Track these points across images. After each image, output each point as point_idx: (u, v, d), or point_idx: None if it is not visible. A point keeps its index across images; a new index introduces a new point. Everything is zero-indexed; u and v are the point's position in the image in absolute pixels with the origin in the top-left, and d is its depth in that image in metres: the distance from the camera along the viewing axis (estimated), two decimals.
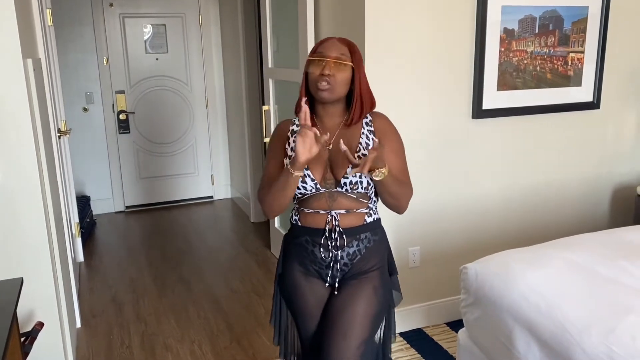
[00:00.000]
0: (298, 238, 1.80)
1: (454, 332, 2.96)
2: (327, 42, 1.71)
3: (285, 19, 3.46)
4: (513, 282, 2.03)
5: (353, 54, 1.71)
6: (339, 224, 1.73)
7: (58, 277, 2.51)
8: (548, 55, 3.01)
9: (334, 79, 1.66)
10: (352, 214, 1.74)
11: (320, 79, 1.66)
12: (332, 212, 1.73)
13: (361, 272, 1.77)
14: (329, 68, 1.66)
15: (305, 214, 1.77)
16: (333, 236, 1.73)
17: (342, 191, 1.71)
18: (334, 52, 1.68)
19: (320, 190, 1.72)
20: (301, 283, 1.81)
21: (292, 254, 1.84)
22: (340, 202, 1.72)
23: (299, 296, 1.82)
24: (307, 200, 1.75)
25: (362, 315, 1.73)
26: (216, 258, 4.20)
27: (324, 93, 1.67)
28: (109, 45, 5.14)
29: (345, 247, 1.74)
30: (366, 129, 1.76)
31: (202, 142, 5.67)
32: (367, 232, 1.76)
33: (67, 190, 3.65)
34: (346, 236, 1.73)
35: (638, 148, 3.42)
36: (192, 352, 2.90)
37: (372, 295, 1.75)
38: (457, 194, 3.01)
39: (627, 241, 2.32)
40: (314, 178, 1.70)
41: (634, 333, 1.64)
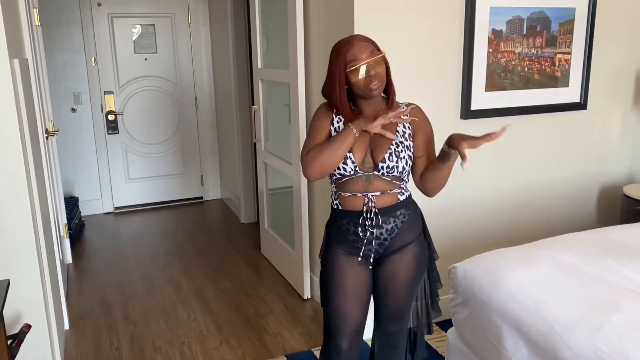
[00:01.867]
0: (340, 221, 1.92)
1: (444, 331, 2.97)
2: (355, 47, 1.77)
3: (275, 19, 3.45)
4: (501, 282, 2.04)
5: (377, 46, 1.81)
6: (375, 205, 1.85)
7: (45, 279, 2.49)
8: (536, 56, 3.03)
9: (378, 75, 1.78)
10: (387, 194, 1.87)
11: (369, 81, 1.77)
12: (369, 195, 1.86)
13: (402, 246, 1.92)
14: (373, 68, 1.76)
15: (344, 198, 1.89)
16: (370, 216, 1.85)
17: (378, 175, 1.84)
18: (365, 53, 1.77)
19: (359, 173, 1.84)
20: (342, 261, 1.92)
21: (333, 237, 1.95)
22: (375, 185, 1.85)
23: (339, 272, 1.93)
24: (345, 184, 1.88)
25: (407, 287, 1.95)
26: (206, 259, 4.19)
27: (377, 91, 1.80)
28: (97, 45, 5.11)
29: (383, 224, 1.87)
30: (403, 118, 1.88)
31: (191, 142, 5.65)
32: (401, 209, 1.90)
33: (55, 191, 3.63)
34: (382, 215, 1.86)
35: (624, 148, 3.46)
36: (182, 353, 2.89)
37: (414, 264, 1.94)
38: (445, 194, 3.01)
39: (614, 240, 2.34)
40: (355, 161, 1.83)
41: (620, 331, 1.66)
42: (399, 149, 1.85)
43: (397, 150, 1.85)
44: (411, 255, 1.93)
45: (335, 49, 1.82)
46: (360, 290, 1.94)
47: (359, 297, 1.94)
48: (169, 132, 5.54)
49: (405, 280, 1.94)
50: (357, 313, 1.94)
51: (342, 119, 1.88)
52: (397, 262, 1.92)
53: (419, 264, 1.97)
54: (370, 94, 1.80)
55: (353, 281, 1.92)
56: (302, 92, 3.10)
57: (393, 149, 1.84)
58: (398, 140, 1.86)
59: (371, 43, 1.81)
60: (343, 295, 1.92)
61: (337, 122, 1.89)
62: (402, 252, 1.92)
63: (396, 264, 1.92)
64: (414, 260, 1.94)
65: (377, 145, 1.85)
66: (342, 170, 1.84)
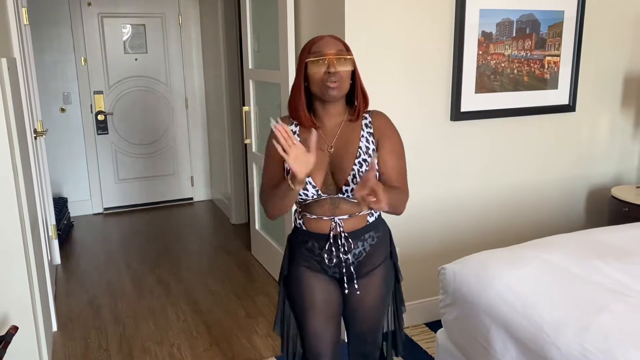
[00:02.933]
0: (304, 242, 1.80)
1: (433, 332, 2.98)
2: (322, 40, 1.67)
3: (266, 20, 3.45)
4: (490, 283, 2.05)
5: (348, 49, 1.69)
6: (344, 230, 1.73)
7: (33, 280, 2.47)
8: (525, 58, 3.05)
9: (340, 75, 1.63)
10: (355, 217, 1.74)
11: (327, 77, 1.62)
12: (336, 219, 1.73)
13: (370, 270, 1.81)
14: (333, 65, 1.62)
15: (309, 219, 1.77)
16: (340, 242, 1.74)
17: (343, 197, 1.71)
18: (332, 49, 1.65)
19: (322, 196, 1.71)
20: (309, 280, 1.81)
21: (297, 255, 1.83)
22: (342, 208, 1.72)
23: (307, 292, 1.82)
24: (309, 206, 1.75)
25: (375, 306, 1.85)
26: (196, 260, 4.17)
27: (334, 91, 1.64)
28: (87, 45, 5.08)
29: (352, 249, 1.76)
30: (366, 130, 1.73)
31: (181, 143, 5.63)
32: (370, 232, 1.78)
33: (43, 192, 3.60)
34: (352, 239, 1.75)
35: (612, 150, 3.49)
36: (171, 354, 2.88)
37: (382, 287, 1.84)
38: (435, 196, 3.03)
39: (602, 242, 2.36)
40: (315, 184, 1.69)
41: (606, 332, 1.67)
42: (362, 169, 1.69)
43: (361, 171, 1.68)
44: (379, 278, 1.82)
45: (304, 45, 1.71)
46: (332, 307, 1.84)
47: (332, 314, 1.84)
48: (159, 133, 5.52)
49: (374, 304, 1.84)
50: (333, 332, 1.85)
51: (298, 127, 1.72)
52: (365, 285, 1.81)
53: (388, 286, 1.87)
54: (326, 94, 1.64)
55: (323, 298, 1.81)
56: None
57: (356, 170, 1.68)
58: (361, 158, 1.69)
59: (342, 44, 1.69)
60: (316, 314, 1.82)
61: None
62: (370, 276, 1.81)
63: (364, 287, 1.81)
64: (383, 282, 1.84)
65: (339, 166, 1.69)
66: (303, 195, 1.69)
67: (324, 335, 1.83)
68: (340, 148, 1.72)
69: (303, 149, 1.51)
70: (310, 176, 1.65)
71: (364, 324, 1.87)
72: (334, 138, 1.72)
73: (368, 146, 1.71)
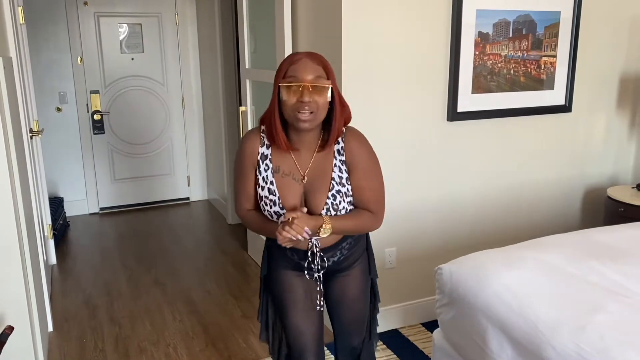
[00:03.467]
0: (281, 249, 1.79)
1: (430, 332, 2.98)
2: (299, 63, 1.54)
3: (263, 19, 3.45)
4: (487, 283, 2.05)
5: (328, 73, 1.58)
6: (319, 249, 1.75)
7: (29, 280, 2.46)
8: (521, 59, 3.06)
9: (316, 105, 1.53)
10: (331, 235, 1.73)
11: (299, 107, 1.52)
12: (313, 240, 1.73)
13: (347, 267, 1.86)
14: (308, 94, 1.51)
15: None
16: (315, 260, 1.76)
17: None
18: (309, 75, 1.53)
19: None
20: (289, 278, 1.84)
21: (276, 256, 1.86)
22: None
23: (287, 289, 1.85)
24: None
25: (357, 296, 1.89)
26: (192, 260, 4.17)
27: (305, 124, 1.54)
28: (83, 45, 5.06)
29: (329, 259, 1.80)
30: (338, 158, 1.67)
31: (178, 142, 5.62)
32: (347, 240, 1.81)
33: (39, 192, 3.59)
34: (328, 252, 1.78)
35: (608, 150, 3.50)
36: (167, 355, 2.87)
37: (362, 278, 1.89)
38: (432, 196, 3.04)
39: (597, 242, 2.37)
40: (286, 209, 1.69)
41: (602, 332, 1.68)
42: (336, 201, 1.66)
43: (335, 203, 1.66)
44: (358, 270, 1.88)
45: (280, 64, 1.59)
46: (312, 303, 1.85)
47: (313, 310, 1.86)
48: (155, 133, 5.50)
49: (356, 293, 1.89)
50: (316, 327, 1.87)
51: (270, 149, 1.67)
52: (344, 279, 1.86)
53: (366, 278, 1.92)
54: (296, 124, 1.55)
55: (303, 295, 1.84)
56: None
57: (330, 203, 1.65)
58: (335, 190, 1.66)
59: (322, 67, 1.56)
60: (298, 311, 1.84)
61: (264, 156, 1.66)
62: (350, 269, 1.86)
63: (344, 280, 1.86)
64: (362, 274, 1.89)
65: (312, 198, 1.66)
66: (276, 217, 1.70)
67: (306, 330, 1.86)
68: (313, 180, 1.67)
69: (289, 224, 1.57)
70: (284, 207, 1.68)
71: (347, 316, 1.91)
72: (307, 168, 1.68)
73: (341, 176, 1.66)
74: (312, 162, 1.67)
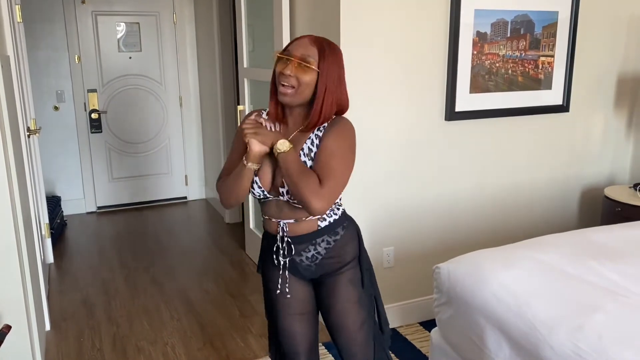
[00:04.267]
0: (264, 239, 1.84)
1: (427, 331, 2.98)
2: (298, 41, 1.62)
3: (261, 18, 3.45)
4: (484, 282, 2.06)
5: (323, 57, 1.60)
6: (288, 233, 1.72)
7: (26, 279, 2.46)
8: (519, 58, 3.06)
9: (297, 82, 1.58)
10: (303, 222, 1.70)
11: (281, 78, 1.59)
12: (281, 222, 1.72)
13: (334, 270, 1.78)
14: (291, 68, 1.57)
15: (265, 219, 1.79)
16: (282, 245, 1.74)
17: (285, 200, 1.68)
18: (299, 51, 1.59)
19: (268, 197, 1.71)
20: (274, 274, 1.82)
21: (267, 252, 1.85)
22: (287, 212, 1.70)
23: (272, 287, 1.84)
24: (263, 205, 1.77)
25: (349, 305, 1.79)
26: (190, 259, 4.16)
27: (285, 97, 1.60)
28: (80, 43, 5.05)
29: (302, 252, 1.74)
30: (315, 133, 1.66)
31: (175, 141, 5.62)
32: (323, 236, 1.73)
33: (36, 191, 3.58)
34: (299, 243, 1.72)
35: (605, 150, 3.51)
36: (165, 354, 2.87)
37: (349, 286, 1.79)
38: (430, 195, 3.04)
39: (595, 241, 2.37)
40: (261, 185, 1.67)
41: (600, 331, 1.68)
42: None
43: None
44: (345, 278, 1.78)
45: None
46: (304, 305, 1.82)
47: (304, 313, 1.83)
48: (153, 132, 5.50)
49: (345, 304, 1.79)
50: (307, 330, 1.84)
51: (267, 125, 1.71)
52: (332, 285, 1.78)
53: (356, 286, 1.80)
54: (278, 96, 1.63)
55: (293, 297, 1.80)
56: None
57: None
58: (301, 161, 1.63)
59: (319, 51, 1.59)
60: (286, 311, 1.81)
61: None
62: (337, 275, 1.78)
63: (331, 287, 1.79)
64: (350, 284, 1.79)
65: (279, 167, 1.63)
66: (251, 193, 1.70)
67: (296, 333, 1.83)
68: None
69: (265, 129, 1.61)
70: (257, 175, 1.66)
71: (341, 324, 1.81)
72: None
73: (311, 148, 1.65)
74: (292, 138, 1.68)
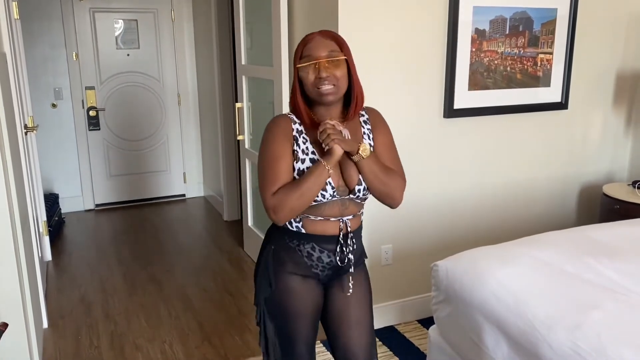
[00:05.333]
0: (299, 245, 1.73)
1: (426, 329, 2.98)
2: (312, 42, 1.61)
3: (259, 16, 3.44)
4: (483, 280, 2.05)
5: (342, 46, 1.64)
6: (351, 229, 1.73)
7: (23, 277, 2.45)
8: (518, 55, 3.06)
9: (335, 78, 1.59)
10: (357, 217, 1.76)
11: (319, 82, 1.58)
12: (344, 219, 1.71)
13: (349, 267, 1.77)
14: (324, 70, 1.57)
15: (313, 222, 1.70)
16: (347, 242, 1.72)
17: (354, 198, 1.70)
18: (323, 51, 1.59)
19: (336, 197, 1.67)
20: (298, 286, 1.75)
21: (286, 260, 1.75)
22: (350, 209, 1.72)
23: (297, 298, 1.75)
24: (318, 208, 1.68)
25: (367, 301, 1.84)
26: (188, 257, 4.16)
27: (329, 97, 1.60)
28: (78, 40, 5.04)
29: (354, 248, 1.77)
30: (366, 127, 1.74)
31: (174, 139, 5.60)
32: (362, 230, 1.82)
33: (34, 188, 3.57)
34: (355, 239, 1.76)
35: (604, 148, 3.50)
36: (163, 351, 2.87)
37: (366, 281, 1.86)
38: (428, 193, 3.04)
39: (593, 239, 2.37)
40: (334, 186, 1.65)
41: (598, 329, 1.68)
42: None
43: None
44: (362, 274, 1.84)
45: (297, 46, 1.66)
46: (317, 314, 1.81)
47: (314, 320, 1.81)
48: (151, 129, 5.49)
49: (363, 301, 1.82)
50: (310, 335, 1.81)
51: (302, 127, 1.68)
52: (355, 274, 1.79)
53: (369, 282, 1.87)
54: (320, 99, 1.61)
55: (311, 306, 1.78)
56: (285, 90, 3.09)
57: None
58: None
59: (335, 42, 1.62)
60: (300, 321, 1.77)
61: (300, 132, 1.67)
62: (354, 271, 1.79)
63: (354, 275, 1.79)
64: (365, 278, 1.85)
65: (347, 165, 1.65)
66: (320, 197, 1.64)
67: (306, 336, 1.80)
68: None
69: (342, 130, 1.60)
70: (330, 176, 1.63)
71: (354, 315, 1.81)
72: None
73: (371, 143, 1.73)
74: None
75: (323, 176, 1.59)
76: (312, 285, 1.77)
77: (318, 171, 1.59)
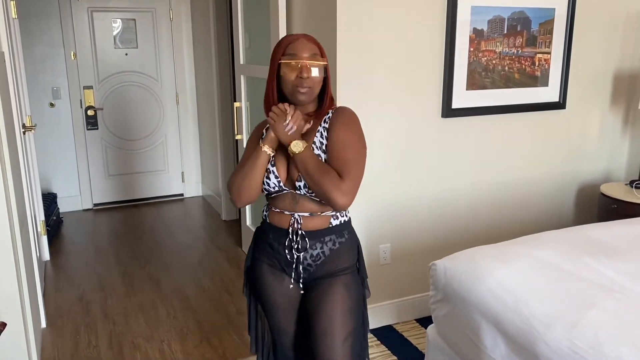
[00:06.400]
0: (266, 234, 1.80)
1: (424, 328, 2.99)
2: (298, 42, 1.66)
3: (257, 15, 3.44)
4: (481, 279, 2.06)
5: (322, 52, 1.69)
6: (302, 227, 1.71)
7: (22, 276, 2.45)
8: (516, 55, 3.06)
9: (312, 81, 1.64)
10: (317, 217, 1.72)
11: (299, 82, 1.63)
12: (296, 215, 1.72)
13: (329, 274, 1.74)
14: (307, 70, 1.62)
15: (273, 212, 1.77)
16: (295, 239, 1.72)
17: (303, 194, 1.68)
18: (307, 52, 1.64)
19: (284, 190, 1.71)
20: (268, 276, 1.80)
21: (260, 248, 1.83)
22: (303, 205, 1.71)
23: (266, 289, 1.82)
24: (274, 199, 1.76)
25: (340, 310, 1.72)
26: (186, 256, 4.16)
27: (303, 97, 1.65)
28: (76, 40, 5.03)
29: (308, 249, 1.72)
30: (322, 126, 1.71)
31: (172, 138, 5.60)
32: (332, 235, 1.74)
33: (32, 188, 3.57)
34: (309, 239, 1.72)
35: (602, 147, 3.51)
36: (162, 351, 2.87)
37: (344, 291, 1.74)
38: (427, 192, 3.04)
39: (591, 238, 2.37)
40: (278, 176, 1.69)
41: (595, 328, 1.68)
42: None
43: None
44: (340, 286, 1.73)
45: (279, 42, 1.70)
46: (293, 305, 1.80)
47: (293, 313, 1.81)
48: (149, 128, 5.48)
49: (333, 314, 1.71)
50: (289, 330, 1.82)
51: None
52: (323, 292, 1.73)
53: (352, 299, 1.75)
54: (296, 98, 1.66)
55: (281, 296, 1.79)
56: None
57: None
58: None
59: (317, 47, 1.68)
60: (276, 310, 1.81)
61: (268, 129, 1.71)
62: (330, 280, 1.73)
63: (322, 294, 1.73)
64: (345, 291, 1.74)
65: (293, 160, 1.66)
66: (266, 185, 1.69)
67: (287, 329, 1.83)
68: None
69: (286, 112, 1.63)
70: (275, 166, 1.69)
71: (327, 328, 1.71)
72: None
73: (322, 141, 1.69)
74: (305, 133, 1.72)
75: (261, 158, 1.67)
76: (280, 278, 1.79)
77: (256, 152, 1.68)
